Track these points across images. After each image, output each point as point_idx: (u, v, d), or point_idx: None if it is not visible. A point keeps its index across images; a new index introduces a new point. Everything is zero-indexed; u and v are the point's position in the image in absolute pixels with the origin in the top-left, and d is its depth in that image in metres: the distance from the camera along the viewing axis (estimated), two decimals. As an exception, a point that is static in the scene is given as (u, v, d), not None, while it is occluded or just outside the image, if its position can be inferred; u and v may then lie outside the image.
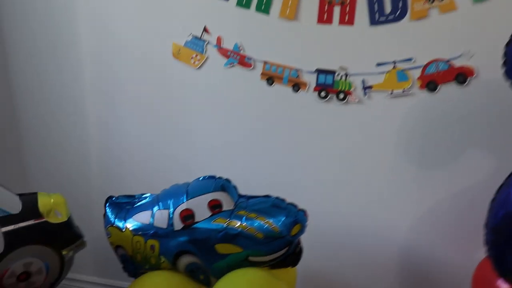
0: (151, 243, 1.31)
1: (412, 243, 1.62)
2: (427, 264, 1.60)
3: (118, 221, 1.37)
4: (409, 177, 1.58)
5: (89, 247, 2.02)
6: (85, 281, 2.08)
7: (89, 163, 1.94)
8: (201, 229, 1.27)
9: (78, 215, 1.47)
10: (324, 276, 1.70)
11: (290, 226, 1.27)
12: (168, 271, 1.34)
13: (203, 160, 1.75)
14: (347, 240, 1.69)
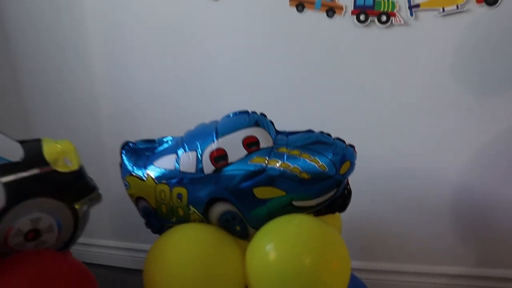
0: (177, 192, 1.12)
1: (466, 185, 1.43)
2: (481, 208, 1.43)
3: (138, 169, 1.18)
4: (465, 107, 1.39)
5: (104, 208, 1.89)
6: (102, 245, 1.93)
7: (99, 118, 1.75)
8: (237, 171, 1.07)
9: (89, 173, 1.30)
10: (369, 223, 1.52)
11: (339, 164, 1.08)
12: (199, 224, 1.15)
13: (223, 107, 1.55)
14: (395, 183, 1.50)
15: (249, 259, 1.07)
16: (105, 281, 1.84)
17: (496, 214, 1.44)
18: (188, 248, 1.08)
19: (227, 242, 1.11)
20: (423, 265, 1.54)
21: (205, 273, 1.04)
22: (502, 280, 1.46)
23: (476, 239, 1.48)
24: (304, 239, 1.04)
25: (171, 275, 1.04)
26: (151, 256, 1.10)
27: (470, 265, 1.50)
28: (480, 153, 1.40)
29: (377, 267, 1.57)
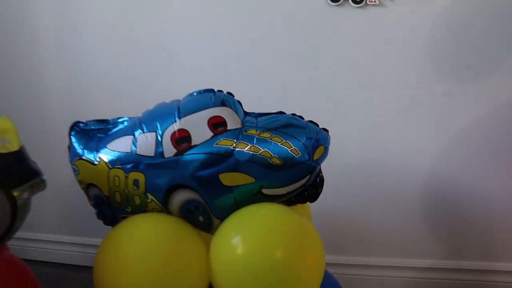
0: (134, 177, 1.00)
1: (439, 177, 1.38)
2: (453, 201, 1.37)
3: (89, 152, 1.04)
4: (438, 92, 1.32)
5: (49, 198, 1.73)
6: (47, 240, 1.76)
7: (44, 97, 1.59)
8: (201, 154, 0.96)
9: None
10: (339, 215, 1.44)
11: (312, 149, 0.98)
12: (158, 214, 1.02)
13: (188, 82, 1.42)
14: (366, 175, 1.42)
15: (213, 253, 0.96)
16: (50, 280, 1.69)
17: (467, 207, 1.40)
18: (145, 240, 0.96)
19: (189, 234, 1.00)
20: (393, 258, 1.48)
21: (164, 269, 0.92)
22: (471, 272, 1.43)
23: (447, 231, 1.44)
24: (276, 231, 0.94)
25: (125, 271, 0.92)
26: (102, 250, 0.97)
27: (440, 257, 1.45)
28: (454, 144, 1.36)
29: (346, 261, 1.50)
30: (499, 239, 1.41)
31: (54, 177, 1.62)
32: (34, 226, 1.79)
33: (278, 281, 0.89)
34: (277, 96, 1.37)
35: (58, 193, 1.69)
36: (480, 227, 1.41)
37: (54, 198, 1.73)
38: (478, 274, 1.43)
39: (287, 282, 0.90)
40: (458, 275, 1.44)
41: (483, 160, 1.36)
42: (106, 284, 0.94)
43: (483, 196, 1.38)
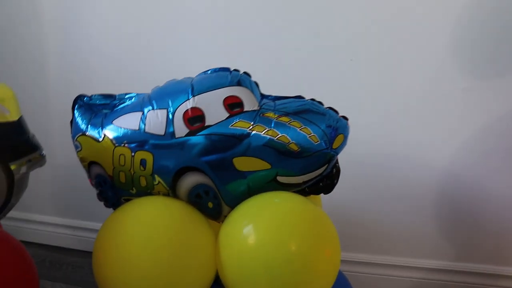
0: (141, 157, 0.93)
1: (453, 175, 1.32)
2: (467, 201, 1.31)
3: (93, 128, 0.97)
4: (459, 87, 1.26)
5: (46, 178, 1.66)
6: (41, 221, 1.69)
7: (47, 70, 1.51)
8: (215, 135, 0.89)
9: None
10: (347, 211, 1.37)
11: (332, 137, 0.92)
12: (164, 197, 0.96)
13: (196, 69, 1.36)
14: (377, 169, 1.36)
15: (222, 242, 0.90)
16: (42, 262, 1.63)
17: (481, 208, 1.34)
18: (151, 224, 0.89)
19: (197, 220, 0.94)
20: (400, 257, 1.42)
21: (169, 256, 0.86)
22: (481, 275, 1.37)
23: (457, 232, 1.38)
24: (291, 221, 0.88)
25: (128, 256, 0.85)
26: (103, 233, 0.90)
27: (449, 259, 1.40)
28: (472, 141, 1.30)
29: (352, 257, 1.44)
30: (510, 243, 1.35)
31: (53, 157, 1.56)
32: (30, 207, 1.72)
33: (292, 273, 0.83)
34: (293, 83, 1.30)
35: (56, 173, 1.63)
36: (493, 229, 1.36)
37: (49, 178, 1.67)
38: (488, 278, 1.38)
39: (301, 275, 0.84)
40: (467, 278, 1.39)
41: (501, 160, 1.30)
42: (106, 269, 0.87)
43: (498, 198, 1.32)
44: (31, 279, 0.80)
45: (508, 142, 1.27)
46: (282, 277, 0.83)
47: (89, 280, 1.51)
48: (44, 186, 1.70)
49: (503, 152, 1.28)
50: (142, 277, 0.83)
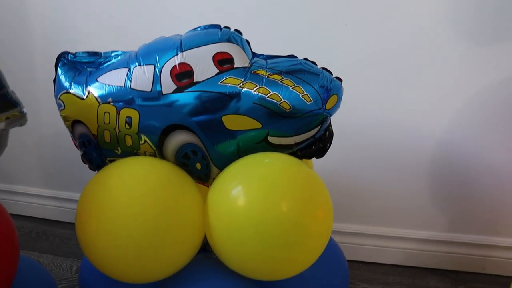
0: (126, 115, 0.89)
1: (448, 144, 1.29)
2: (461, 171, 1.29)
3: (77, 86, 0.93)
4: (455, 53, 1.22)
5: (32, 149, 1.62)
6: (28, 193, 1.66)
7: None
8: (203, 92, 0.86)
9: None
10: (339, 180, 1.35)
11: (325, 97, 0.88)
12: (151, 157, 0.92)
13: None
14: (371, 137, 1.33)
15: (211, 203, 0.87)
16: (28, 234, 1.59)
17: (475, 178, 1.33)
18: (136, 184, 0.85)
19: (185, 181, 0.91)
20: (393, 228, 1.40)
21: (155, 217, 0.83)
22: (474, 246, 1.36)
23: (451, 203, 1.37)
24: (281, 181, 0.85)
25: (112, 217, 0.82)
26: (87, 193, 0.87)
27: (442, 229, 1.38)
28: (467, 110, 1.27)
29: (345, 228, 1.42)
30: (505, 214, 1.34)
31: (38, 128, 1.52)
32: (16, 179, 1.69)
33: (283, 234, 0.80)
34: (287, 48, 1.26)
35: (42, 143, 1.59)
36: (486, 200, 1.34)
37: (35, 149, 1.63)
38: (482, 249, 1.37)
39: (292, 236, 0.81)
40: (460, 249, 1.38)
41: (497, 129, 1.28)
42: (90, 230, 0.83)
43: (493, 168, 1.30)
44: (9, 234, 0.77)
45: (505, 111, 1.24)
46: (273, 238, 0.81)
47: (77, 251, 1.48)
48: (30, 157, 1.66)
49: (500, 121, 1.26)
50: (126, 236, 0.80)
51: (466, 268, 1.39)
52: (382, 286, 1.33)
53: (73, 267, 1.40)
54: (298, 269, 0.89)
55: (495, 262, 1.36)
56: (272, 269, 0.86)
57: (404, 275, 1.38)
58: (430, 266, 1.41)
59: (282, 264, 0.85)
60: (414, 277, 1.37)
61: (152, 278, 0.88)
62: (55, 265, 1.41)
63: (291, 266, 0.86)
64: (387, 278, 1.37)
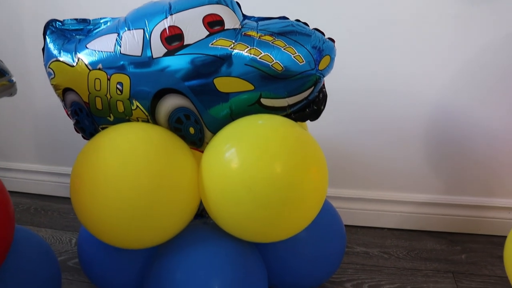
0: (117, 80, 0.89)
1: (444, 106, 1.28)
2: (459, 128, 1.28)
3: (66, 53, 0.92)
4: (450, 13, 1.20)
5: (27, 125, 1.61)
6: (24, 170, 1.66)
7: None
8: (194, 55, 0.85)
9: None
10: (335, 146, 1.35)
11: (318, 58, 0.88)
12: (144, 123, 0.92)
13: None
14: (366, 103, 1.33)
15: (205, 165, 0.87)
16: (27, 209, 1.60)
17: (471, 140, 1.33)
18: (130, 149, 0.85)
19: (178, 145, 0.91)
20: (390, 192, 1.40)
21: (150, 180, 0.83)
22: (470, 207, 1.37)
23: (446, 165, 1.37)
24: (275, 142, 0.85)
25: (106, 182, 0.82)
26: (80, 160, 0.87)
27: (439, 192, 1.39)
28: (464, 72, 1.26)
29: (342, 194, 1.42)
30: (500, 175, 1.34)
31: (31, 104, 1.51)
32: (12, 156, 1.68)
33: (276, 193, 0.80)
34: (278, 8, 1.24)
35: (36, 118, 1.58)
36: (481, 162, 1.34)
37: (30, 125, 1.62)
38: (477, 210, 1.38)
39: (286, 193, 0.81)
40: (456, 211, 1.39)
41: (490, 91, 1.27)
42: (84, 197, 0.84)
43: (487, 129, 1.30)
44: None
45: (498, 72, 1.23)
46: (266, 198, 0.81)
47: (76, 224, 1.49)
48: (25, 133, 1.66)
49: (492, 82, 1.25)
50: (120, 200, 0.80)
51: (462, 230, 1.40)
52: (379, 249, 1.34)
53: (72, 240, 1.41)
54: (294, 230, 0.90)
55: (490, 222, 1.37)
56: (267, 230, 0.86)
57: (401, 238, 1.39)
58: (426, 229, 1.42)
59: (276, 225, 0.85)
60: (411, 239, 1.38)
61: (148, 243, 0.89)
62: (55, 239, 1.42)
63: (286, 226, 0.87)
64: (384, 242, 1.38)
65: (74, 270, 1.25)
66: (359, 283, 1.19)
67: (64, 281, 1.20)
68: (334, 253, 1.08)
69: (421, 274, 1.22)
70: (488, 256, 1.29)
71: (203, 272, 0.88)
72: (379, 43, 1.27)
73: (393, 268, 1.25)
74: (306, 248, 1.04)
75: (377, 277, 1.21)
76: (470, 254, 1.31)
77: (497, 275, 1.21)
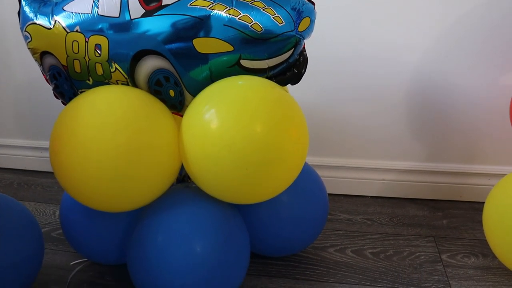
0: (95, 42, 0.88)
1: (425, 73, 1.28)
2: (441, 95, 1.30)
3: (42, 16, 0.91)
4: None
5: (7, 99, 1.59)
6: (6, 145, 1.64)
7: None
8: (173, 15, 0.84)
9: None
10: (317, 112, 1.35)
11: (297, 19, 0.87)
12: (123, 86, 0.91)
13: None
14: (348, 69, 1.33)
15: (185, 127, 0.87)
16: (10, 184, 1.59)
17: (451, 107, 1.33)
18: (108, 110, 0.85)
19: (158, 107, 0.90)
20: (371, 159, 1.42)
21: (129, 142, 0.83)
22: (452, 174, 1.39)
23: (428, 132, 1.38)
24: (254, 102, 0.84)
25: (85, 143, 0.81)
26: (58, 123, 0.87)
27: (420, 159, 1.40)
28: (442, 38, 1.27)
29: (325, 162, 1.43)
30: (480, 142, 1.36)
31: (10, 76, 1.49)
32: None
33: (256, 152, 0.81)
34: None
35: (16, 93, 1.56)
36: (462, 128, 1.35)
37: (11, 99, 1.60)
38: (458, 177, 1.39)
39: (266, 153, 0.81)
40: (438, 178, 1.40)
41: (472, 57, 1.28)
42: (64, 159, 0.83)
43: (469, 96, 1.31)
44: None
45: (479, 38, 1.24)
46: (246, 157, 0.81)
47: (59, 197, 1.48)
48: (6, 107, 1.64)
49: (474, 49, 1.26)
50: (100, 161, 0.80)
51: (444, 197, 1.42)
52: (362, 216, 1.36)
53: (56, 212, 1.40)
54: (274, 191, 0.90)
55: (471, 189, 1.39)
56: (247, 191, 0.87)
57: (384, 205, 1.41)
58: (409, 196, 1.43)
59: (257, 185, 0.85)
60: (394, 207, 1.40)
61: (129, 205, 0.89)
62: (38, 211, 1.41)
63: (266, 186, 0.87)
64: (367, 209, 1.39)
65: (58, 240, 1.25)
66: (342, 248, 1.20)
67: (48, 251, 1.20)
68: (317, 217, 1.10)
69: (403, 239, 1.24)
70: (469, 221, 1.32)
71: (185, 234, 0.89)
72: (360, 11, 1.27)
73: (376, 233, 1.27)
74: (288, 211, 1.05)
75: (360, 242, 1.23)
76: (451, 219, 1.33)
77: (477, 238, 1.23)
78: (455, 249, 1.19)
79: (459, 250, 1.19)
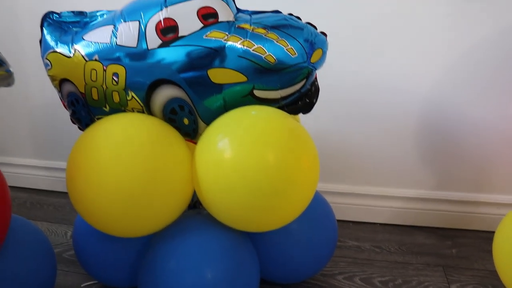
0: (113, 71, 0.90)
1: (435, 103, 1.30)
2: (450, 124, 1.31)
3: (63, 44, 0.94)
4: (441, 12, 1.22)
5: (23, 120, 1.63)
6: (20, 164, 1.67)
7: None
8: (189, 46, 0.87)
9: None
10: (325, 141, 1.36)
11: (310, 51, 0.90)
12: (139, 113, 0.93)
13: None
14: (357, 99, 1.35)
15: (198, 155, 0.89)
16: (23, 204, 1.61)
17: (462, 136, 1.34)
18: (124, 138, 0.87)
19: (173, 135, 0.92)
20: (380, 187, 1.42)
21: (144, 171, 0.84)
22: (460, 203, 1.39)
23: (438, 161, 1.38)
24: (267, 132, 0.86)
25: (101, 171, 0.83)
26: (75, 150, 0.89)
27: (429, 188, 1.41)
28: (454, 69, 1.28)
29: (333, 188, 1.44)
30: (489, 172, 1.36)
31: (27, 97, 1.52)
32: (8, 150, 1.69)
33: (268, 182, 0.82)
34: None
35: (31, 114, 1.59)
36: (472, 158, 1.36)
37: (27, 120, 1.63)
38: (466, 206, 1.39)
39: (278, 184, 0.83)
40: (447, 206, 1.40)
41: (482, 87, 1.29)
42: (79, 185, 0.85)
43: (479, 126, 1.32)
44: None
45: (489, 69, 1.26)
46: (259, 186, 0.82)
47: (71, 218, 1.50)
48: (22, 128, 1.67)
49: (484, 79, 1.27)
50: (114, 188, 0.82)
51: (452, 225, 1.42)
52: (371, 243, 1.36)
53: (67, 232, 1.42)
54: (285, 219, 0.91)
55: (480, 218, 1.39)
56: (259, 219, 0.88)
57: (392, 232, 1.41)
58: (417, 224, 1.44)
59: (268, 214, 0.87)
60: (402, 234, 1.40)
61: (142, 231, 0.91)
62: (50, 231, 1.43)
63: (277, 215, 0.88)
64: (376, 236, 1.39)
65: (69, 261, 1.26)
66: (351, 275, 1.21)
67: (60, 272, 1.20)
68: (326, 244, 1.10)
69: (412, 267, 1.24)
70: (478, 250, 1.31)
71: (196, 261, 0.90)
72: (372, 41, 1.29)
73: (384, 261, 1.27)
74: (298, 238, 1.06)
75: (369, 270, 1.23)
76: (460, 248, 1.33)
77: (487, 269, 1.23)
78: (465, 279, 1.19)
79: (469, 281, 1.19)
